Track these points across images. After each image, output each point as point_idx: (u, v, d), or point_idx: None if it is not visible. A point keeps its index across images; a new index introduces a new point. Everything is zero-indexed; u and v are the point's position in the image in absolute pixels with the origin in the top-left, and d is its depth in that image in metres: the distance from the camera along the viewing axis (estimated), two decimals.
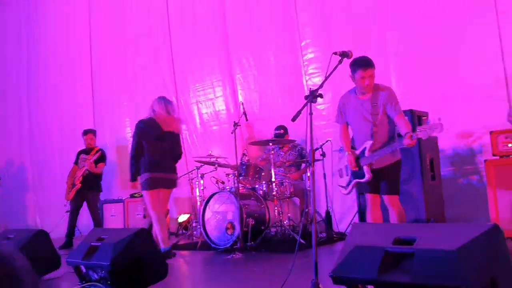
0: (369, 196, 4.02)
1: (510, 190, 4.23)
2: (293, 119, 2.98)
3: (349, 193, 4.18)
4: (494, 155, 4.42)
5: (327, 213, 5.84)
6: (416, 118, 4.95)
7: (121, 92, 8.74)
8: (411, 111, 4.91)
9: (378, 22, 6.08)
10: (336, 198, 6.24)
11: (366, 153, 3.87)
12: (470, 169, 5.39)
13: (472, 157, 5.35)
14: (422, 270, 2.13)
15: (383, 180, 3.89)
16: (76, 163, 7.15)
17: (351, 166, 3.97)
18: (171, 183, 5.14)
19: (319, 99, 3.08)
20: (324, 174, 5.86)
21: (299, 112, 2.97)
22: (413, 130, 3.63)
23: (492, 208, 4.34)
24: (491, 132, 4.47)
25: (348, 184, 4.10)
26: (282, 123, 6.36)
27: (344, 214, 6.22)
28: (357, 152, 3.98)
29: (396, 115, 3.80)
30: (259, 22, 7.20)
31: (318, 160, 5.96)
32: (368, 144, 3.87)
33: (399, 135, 3.81)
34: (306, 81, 6.74)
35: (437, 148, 5.16)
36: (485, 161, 4.49)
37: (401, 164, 3.98)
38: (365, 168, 3.88)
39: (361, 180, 3.93)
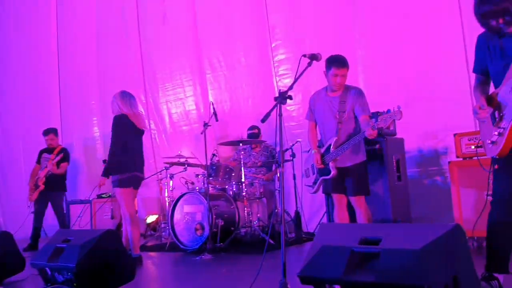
0: (335, 196, 4.09)
1: (473, 190, 4.35)
2: (263, 121, 2.99)
3: (316, 191, 4.23)
4: (457, 156, 4.54)
5: (297, 213, 5.88)
6: None
7: (89, 91, 8.58)
8: (377, 113, 4.99)
9: (347, 25, 6.17)
10: (306, 198, 6.29)
11: (331, 149, 3.93)
12: (435, 170, 5.53)
13: (437, 158, 5.49)
14: (387, 269, 2.17)
15: (348, 181, 3.95)
16: (38, 162, 6.97)
17: (316, 164, 4.01)
18: (140, 183, 5.08)
19: (289, 101, 3.11)
20: (294, 175, 5.91)
21: (268, 114, 2.99)
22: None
23: (456, 208, 4.45)
24: (455, 134, 4.59)
25: (314, 183, 4.15)
26: (252, 123, 6.39)
27: (313, 214, 6.28)
28: (323, 150, 4.04)
29: (362, 115, 3.87)
30: (230, 22, 7.20)
31: (288, 160, 6.00)
32: (332, 140, 3.95)
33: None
34: (277, 82, 6.78)
35: (403, 149, 5.27)
36: (449, 162, 4.60)
37: (367, 164, 4.06)
38: (330, 164, 3.94)
39: (327, 177, 3.98)
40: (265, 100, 6.30)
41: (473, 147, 4.41)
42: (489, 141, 2.61)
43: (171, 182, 6.26)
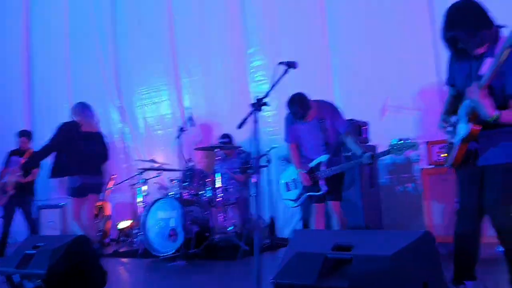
0: (316, 205, 4.15)
1: (443, 197, 4.45)
2: (239, 127, 3.00)
3: (297, 206, 4.29)
4: (429, 164, 4.65)
5: (271, 219, 5.90)
6: (356, 128, 5.11)
7: (62, 94, 8.43)
8: (351, 120, 5.07)
9: (322, 32, 6.24)
10: (280, 204, 6.32)
11: (322, 167, 4.00)
12: (407, 177, 5.63)
13: (409, 165, 5.59)
14: (359, 275, 2.20)
15: (328, 188, 4.04)
16: (6, 165, 6.76)
17: (306, 183, 4.08)
18: (99, 188, 5.06)
19: (265, 106, 3.15)
20: (269, 181, 5.93)
21: (244, 120, 3.00)
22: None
23: (427, 215, 4.55)
24: (426, 142, 4.69)
25: (298, 198, 4.21)
26: (229, 129, 6.36)
27: (287, 220, 6.30)
28: (311, 165, 4.10)
29: (344, 131, 4.05)
30: (207, 26, 7.19)
31: (263, 166, 6.02)
32: (323, 159, 4.03)
33: (354, 155, 3.97)
34: (253, 88, 6.80)
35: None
36: (420, 170, 4.70)
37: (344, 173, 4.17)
38: (321, 182, 4.03)
39: (317, 194, 4.06)
40: (242, 106, 6.30)
41: (444, 155, 4.50)
42: (445, 153, 2.83)
43: (144, 187, 6.20)
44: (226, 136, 6.28)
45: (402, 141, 3.63)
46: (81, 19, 8.35)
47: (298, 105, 3.95)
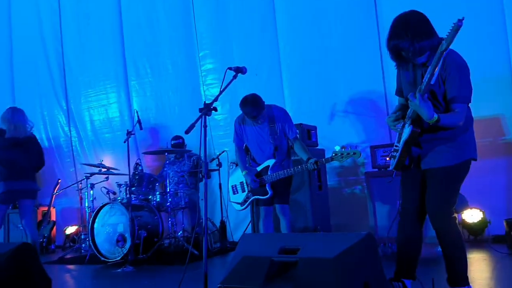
0: (264, 208, 4.18)
1: (387, 199, 4.62)
2: (187, 132, 3.00)
3: (244, 209, 4.31)
4: (373, 167, 4.80)
5: (222, 223, 5.90)
6: (305, 132, 5.22)
7: (6, 96, 8.10)
8: (300, 125, 5.17)
9: (273, 38, 6.32)
10: (231, 208, 6.32)
11: (269, 171, 4.05)
12: (354, 180, 5.80)
13: (356, 168, 5.76)
14: (304, 278, 2.25)
15: (276, 191, 4.09)
16: None
17: (252, 184, 4.09)
18: (31, 194, 4.91)
19: (216, 110, 3.16)
20: (220, 184, 5.94)
21: (193, 125, 3.00)
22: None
23: (371, 217, 4.70)
24: (371, 146, 4.84)
25: (244, 201, 4.23)
26: (179, 132, 6.33)
27: (238, 223, 6.33)
28: (258, 168, 4.14)
29: (293, 137, 4.10)
30: (157, 29, 7.12)
31: (214, 170, 6.02)
32: (271, 163, 4.07)
33: (300, 160, 4.04)
34: (204, 91, 6.79)
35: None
36: (365, 173, 4.85)
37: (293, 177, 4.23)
38: (268, 186, 4.06)
39: (263, 197, 4.09)
40: (193, 109, 6.29)
41: (387, 158, 4.68)
42: (390, 157, 2.91)
43: (91, 191, 6.05)
44: (178, 137, 6.23)
45: (344, 149, 3.75)
46: (26, 19, 8.06)
47: (251, 104, 3.96)
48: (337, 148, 3.78)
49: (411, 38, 2.52)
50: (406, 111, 2.78)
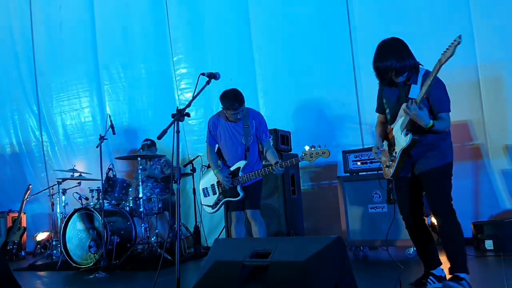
0: (235, 213, 4.18)
1: (358, 203, 4.70)
2: (159, 138, 3.01)
3: (216, 211, 4.27)
4: (345, 172, 4.88)
5: (196, 228, 5.89)
6: (279, 137, 5.27)
7: None
8: (275, 130, 5.22)
9: (247, 43, 6.36)
10: (206, 213, 6.32)
11: (240, 173, 4.04)
12: (327, 184, 5.88)
13: (329, 173, 5.83)
14: (275, 281, 2.29)
15: (247, 197, 4.09)
16: None
17: (225, 181, 4.05)
18: None
19: (191, 114, 3.18)
20: (194, 189, 5.93)
21: (165, 131, 3.01)
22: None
23: (343, 220, 4.77)
24: (343, 151, 4.92)
25: (216, 203, 4.21)
26: (152, 137, 6.29)
27: (213, 228, 6.33)
28: (228, 170, 4.12)
29: (266, 140, 4.15)
30: (130, 33, 7.08)
31: (187, 174, 6.01)
32: (242, 164, 4.06)
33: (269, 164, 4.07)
34: (178, 95, 6.78)
35: (297, 165, 5.53)
36: (338, 177, 4.92)
37: (264, 181, 4.29)
38: (239, 187, 4.05)
39: (235, 199, 4.08)
40: (166, 113, 6.23)
41: (359, 163, 4.77)
42: (385, 166, 3.22)
43: (63, 197, 5.97)
44: (148, 139, 6.19)
45: (313, 149, 3.80)
46: None
47: (234, 97, 3.93)
48: (307, 148, 3.84)
49: (393, 60, 2.91)
50: (385, 128, 3.26)
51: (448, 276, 3.04)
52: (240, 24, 6.42)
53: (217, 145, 4.30)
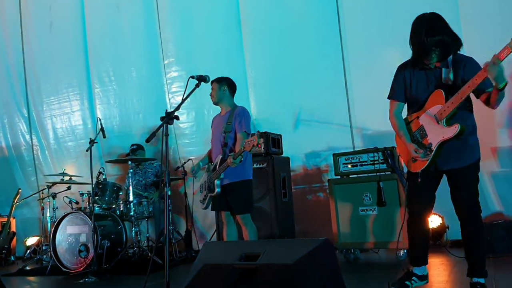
0: (222, 214, 4.17)
1: (349, 206, 4.70)
2: (147, 141, 2.99)
3: (205, 207, 4.22)
4: (336, 174, 4.89)
5: (188, 231, 5.87)
6: (270, 140, 5.27)
7: None
8: (265, 133, 5.22)
9: (238, 46, 6.37)
10: (198, 216, 6.33)
11: (217, 167, 4.01)
12: (318, 187, 5.89)
13: (320, 176, 5.85)
14: (264, 283, 2.29)
15: (231, 199, 4.01)
16: None
17: (203, 178, 4.09)
18: None
19: (183, 118, 3.17)
20: (185, 193, 5.92)
21: (154, 134, 2.99)
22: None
23: (334, 223, 4.78)
24: (333, 154, 4.93)
25: (203, 199, 4.21)
26: (143, 139, 6.26)
27: (204, 232, 6.33)
28: (212, 168, 4.10)
29: (238, 132, 4.02)
30: (121, 36, 7.05)
31: (179, 178, 5.99)
32: (218, 159, 4.03)
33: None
34: (169, 99, 6.77)
35: (289, 168, 5.54)
36: (328, 179, 4.93)
37: (251, 184, 4.11)
38: (215, 182, 3.98)
39: (212, 194, 4.01)
40: (157, 117, 6.18)
41: (349, 166, 4.78)
42: (410, 159, 3.02)
43: (53, 201, 5.93)
44: (135, 144, 6.16)
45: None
46: None
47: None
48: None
49: (445, 36, 2.76)
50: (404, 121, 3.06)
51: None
52: (231, 27, 6.43)
53: None
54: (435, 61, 2.85)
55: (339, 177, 4.84)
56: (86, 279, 4.65)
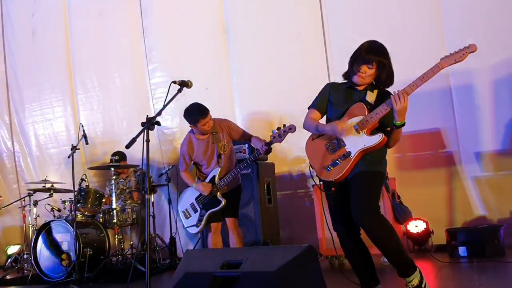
0: (214, 224, 4.15)
1: None
2: (127, 146, 2.95)
3: (202, 229, 4.25)
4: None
5: (172, 239, 5.81)
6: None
7: None
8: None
9: (223, 52, 6.34)
10: (182, 224, 6.25)
11: (216, 180, 4.02)
12: (303, 192, 5.87)
13: (305, 181, 5.83)
14: None
15: (228, 204, 4.08)
16: None
17: (206, 192, 4.06)
18: None
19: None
20: (169, 200, 5.85)
21: (134, 139, 2.95)
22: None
23: (320, 228, 4.76)
24: None
25: (199, 220, 4.17)
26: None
27: (189, 240, 6.26)
28: (207, 180, 4.12)
29: (248, 136, 4.18)
30: (105, 41, 6.99)
31: (163, 185, 5.93)
32: (216, 172, 4.06)
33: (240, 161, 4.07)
34: (154, 105, 6.70)
35: (273, 173, 5.51)
36: (312, 185, 4.91)
37: (242, 188, 4.27)
38: (219, 195, 4.05)
39: (217, 208, 4.05)
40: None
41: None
42: (322, 167, 2.97)
43: (35, 209, 5.82)
44: (116, 153, 6.06)
45: (280, 128, 3.89)
46: None
47: (198, 106, 4.05)
48: (274, 131, 3.91)
49: (382, 58, 2.82)
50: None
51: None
52: (216, 34, 6.40)
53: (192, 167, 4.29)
54: (367, 81, 2.89)
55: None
56: None
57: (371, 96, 2.88)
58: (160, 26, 6.74)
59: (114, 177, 5.38)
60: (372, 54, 2.81)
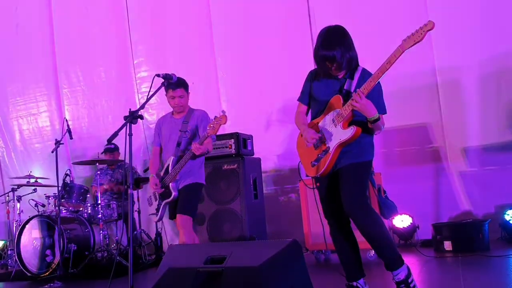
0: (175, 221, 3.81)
1: (320, 207, 4.67)
2: (109, 141, 2.91)
3: (160, 218, 3.93)
4: (307, 175, 4.84)
5: (158, 234, 5.77)
6: (241, 141, 5.22)
7: None
8: (236, 133, 5.17)
9: (209, 46, 6.30)
10: (168, 219, 6.21)
11: (170, 169, 3.76)
12: (290, 188, 5.86)
13: (292, 177, 5.81)
14: (231, 286, 2.23)
15: (181, 198, 3.76)
16: None
17: (154, 188, 3.81)
18: None
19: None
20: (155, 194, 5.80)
21: (116, 133, 2.92)
22: None
23: (305, 223, 4.75)
24: None
25: (157, 210, 3.90)
26: (114, 141, 6.14)
27: (175, 235, 6.22)
28: (162, 172, 3.86)
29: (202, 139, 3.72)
30: (90, 35, 6.91)
31: (148, 179, 5.87)
32: (170, 160, 3.78)
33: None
34: (139, 99, 6.65)
35: (260, 169, 5.49)
36: (299, 180, 4.90)
37: (201, 187, 3.89)
38: (171, 185, 3.73)
39: (169, 199, 3.75)
40: None
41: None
42: (311, 162, 2.91)
43: (18, 204, 5.74)
44: (113, 143, 6.00)
45: (213, 119, 3.54)
46: None
47: (176, 78, 3.61)
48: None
49: (339, 51, 2.68)
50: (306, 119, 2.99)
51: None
52: (202, 27, 6.36)
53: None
54: (340, 72, 2.82)
55: (310, 177, 4.81)
56: (51, 284, 4.51)
57: (350, 84, 2.80)
58: (145, 20, 6.67)
59: (98, 171, 5.32)
60: (325, 50, 2.72)
